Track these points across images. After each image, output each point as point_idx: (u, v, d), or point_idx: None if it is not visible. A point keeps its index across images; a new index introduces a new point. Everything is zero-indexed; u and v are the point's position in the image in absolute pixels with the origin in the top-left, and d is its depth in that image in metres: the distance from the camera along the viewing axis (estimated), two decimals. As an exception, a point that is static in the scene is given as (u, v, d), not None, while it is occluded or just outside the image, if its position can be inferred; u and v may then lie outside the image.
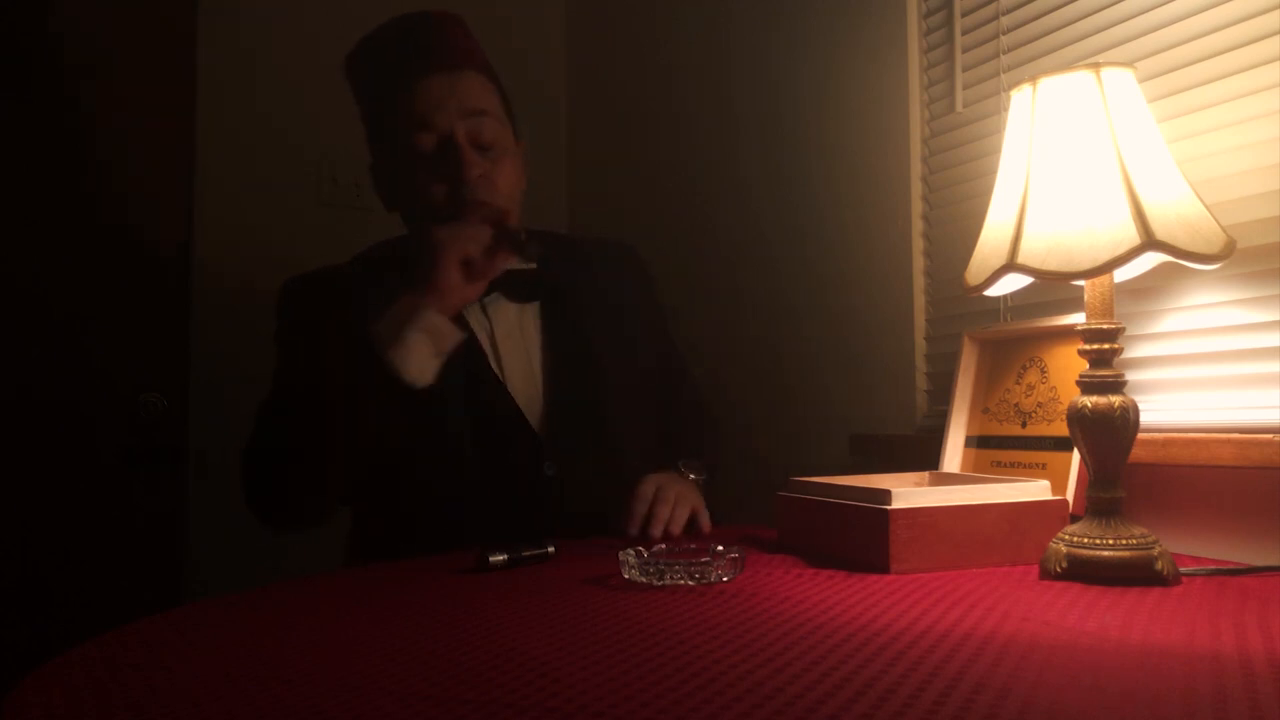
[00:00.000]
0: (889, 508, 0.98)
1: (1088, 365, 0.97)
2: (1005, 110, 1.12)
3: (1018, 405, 1.22)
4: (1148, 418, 0.99)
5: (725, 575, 0.94)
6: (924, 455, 1.35)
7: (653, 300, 1.56)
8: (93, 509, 1.92)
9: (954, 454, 1.28)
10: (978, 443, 1.27)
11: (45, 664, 0.68)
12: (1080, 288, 1.02)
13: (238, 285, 2.09)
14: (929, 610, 0.80)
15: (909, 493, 1.01)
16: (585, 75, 2.57)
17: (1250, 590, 0.87)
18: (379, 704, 0.57)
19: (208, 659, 0.71)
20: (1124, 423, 0.93)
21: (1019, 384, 1.23)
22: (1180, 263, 0.93)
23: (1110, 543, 0.91)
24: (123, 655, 0.72)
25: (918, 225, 1.61)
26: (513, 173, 1.36)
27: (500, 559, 1.04)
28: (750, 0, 1.99)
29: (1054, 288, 1.24)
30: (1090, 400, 0.94)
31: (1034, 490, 1.05)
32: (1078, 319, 1.09)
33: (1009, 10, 1.44)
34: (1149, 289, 1.19)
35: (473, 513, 1.28)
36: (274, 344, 1.39)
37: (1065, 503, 1.06)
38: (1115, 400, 0.94)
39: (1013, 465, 1.21)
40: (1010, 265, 0.97)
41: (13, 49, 1.92)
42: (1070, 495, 1.07)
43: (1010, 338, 1.27)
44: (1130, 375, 0.98)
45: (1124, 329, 0.97)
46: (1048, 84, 1.00)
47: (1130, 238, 0.91)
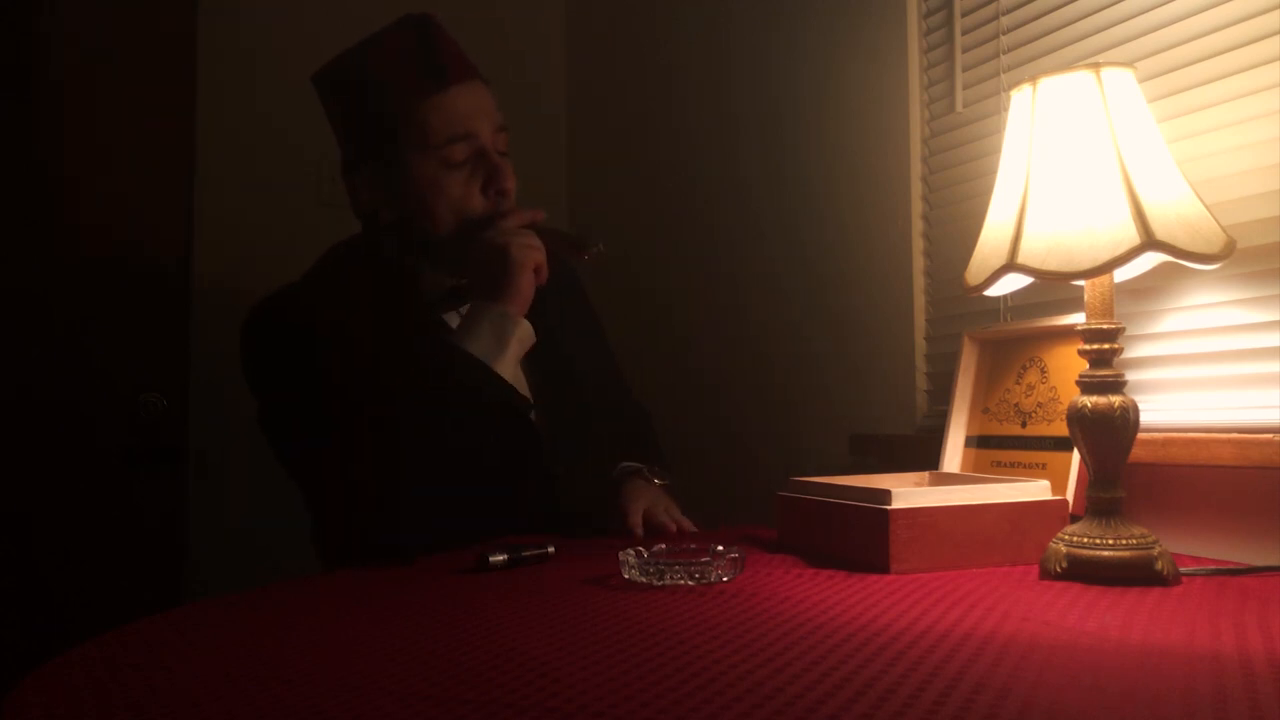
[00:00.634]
0: (889, 508, 0.98)
1: (1088, 365, 0.97)
2: (1005, 110, 1.12)
3: (1018, 405, 1.22)
4: (1148, 418, 0.99)
5: (725, 575, 0.94)
6: (924, 455, 1.35)
7: (586, 303, 1.59)
8: (93, 509, 1.92)
9: (954, 454, 1.28)
10: (978, 443, 1.27)
11: (45, 664, 0.68)
12: (1080, 288, 1.02)
13: (238, 285, 2.09)
14: (929, 610, 0.80)
15: (909, 493, 1.01)
16: (585, 76, 2.57)
17: (1250, 590, 0.87)
18: (379, 704, 0.57)
19: (208, 659, 0.71)
20: (1124, 423, 0.93)
21: (1019, 384, 1.23)
22: (1180, 263, 0.93)
23: (1110, 543, 0.91)
24: (123, 655, 0.72)
25: (918, 225, 1.61)
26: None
27: (500, 559, 1.04)
28: (750, 1, 1.99)
29: (1054, 288, 1.24)
30: (1090, 400, 0.94)
31: (1034, 490, 1.05)
32: (1078, 319, 1.09)
33: (1009, 10, 1.44)
34: (1149, 289, 1.19)
35: (480, 514, 1.26)
36: (295, 378, 1.29)
37: (1065, 503, 1.06)
38: (1115, 400, 0.94)
39: (1013, 465, 1.21)
40: (1010, 265, 0.97)
41: (12, 49, 1.92)
42: (1070, 495, 1.07)
43: (1010, 338, 1.27)
44: (1130, 375, 0.98)
45: (1124, 329, 0.97)
46: (1048, 84, 1.00)
47: (1130, 238, 0.91)
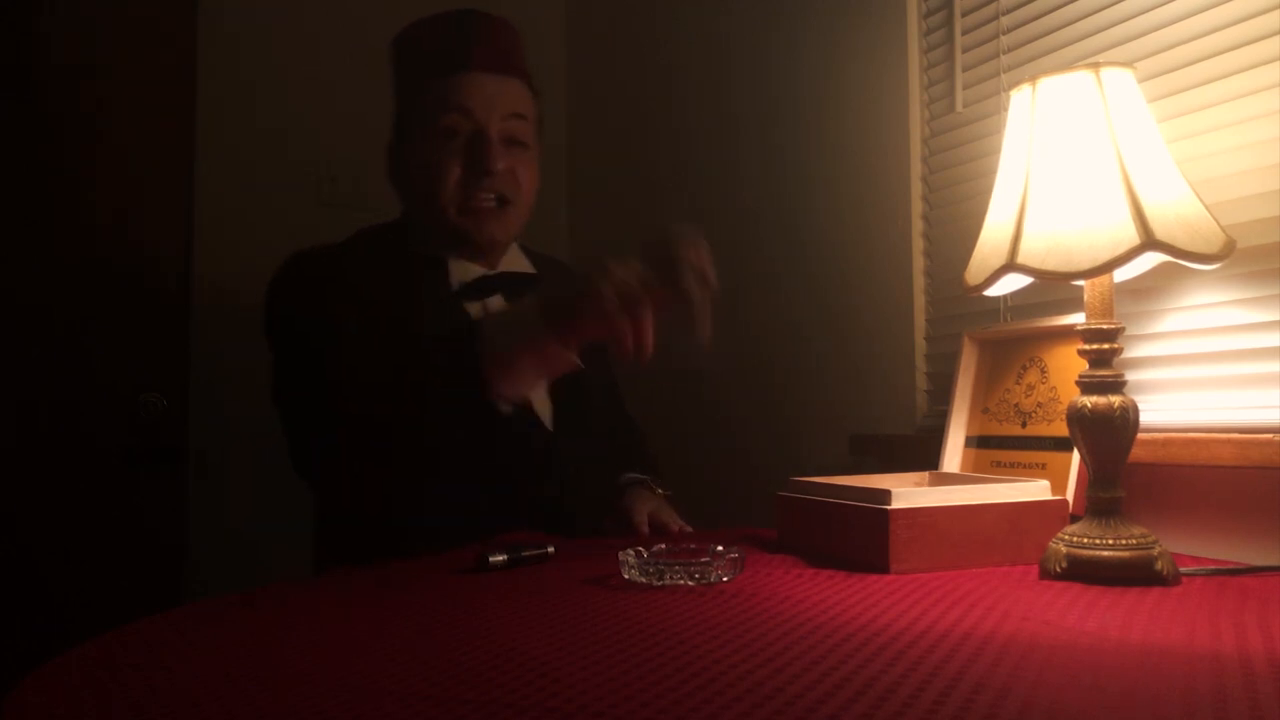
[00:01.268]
0: (889, 508, 0.98)
1: (1088, 365, 0.97)
2: (1005, 110, 1.12)
3: (1018, 405, 1.22)
4: (1148, 418, 0.99)
5: (725, 575, 0.94)
6: (924, 455, 1.35)
7: None
8: (93, 509, 1.92)
9: (954, 454, 1.28)
10: (978, 443, 1.27)
11: (45, 664, 0.68)
12: (1080, 288, 1.02)
13: (237, 285, 2.09)
14: (929, 610, 0.80)
15: (909, 493, 1.01)
16: (585, 76, 2.57)
17: (1250, 590, 0.87)
18: (379, 704, 0.57)
19: (208, 659, 0.71)
20: (1124, 423, 0.93)
21: (1019, 384, 1.23)
22: (1180, 263, 0.93)
23: (1110, 543, 0.91)
24: (123, 655, 0.72)
25: (918, 225, 1.61)
26: (535, 175, 1.39)
27: (500, 559, 1.04)
28: (750, 1, 1.99)
29: (1054, 288, 1.24)
30: (1090, 400, 0.94)
31: (1034, 490, 1.05)
32: (1078, 319, 1.09)
33: (1009, 10, 1.44)
34: (1149, 289, 1.19)
35: (490, 513, 1.26)
36: (293, 325, 1.31)
37: (1065, 503, 1.06)
38: (1115, 400, 0.94)
39: (1013, 465, 1.21)
40: (1010, 265, 0.97)
41: (12, 50, 1.93)
42: (1070, 495, 1.07)
43: (1010, 338, 1.27)
44: (1130, 375, 0.98)
45: (1124, 329, 0.97)
46: (1047, 84, 1.00)
47: (1130, 238, 0.91)
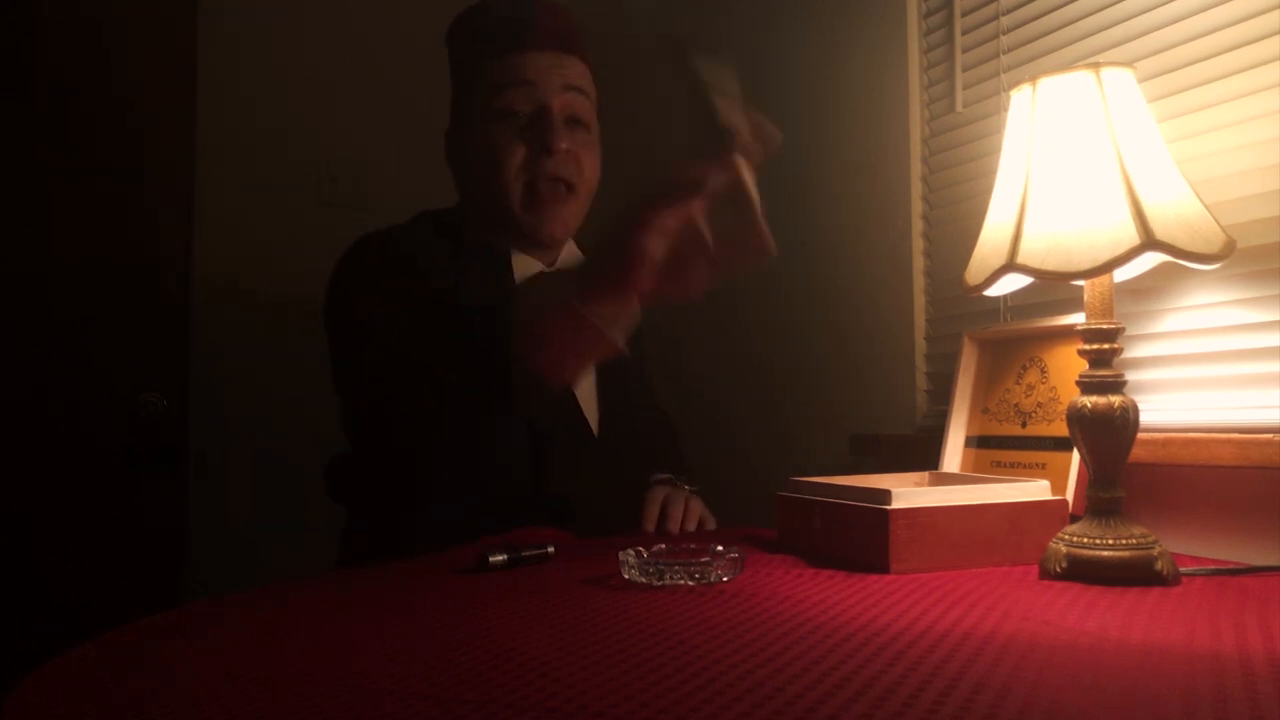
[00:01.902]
0: (889, 508, 0.98)
1: (1088, 365, 0.97)
2: (1005, 110, 1.12)
3: (1018, 405, 1.22)
4: (1148, 418, 0.99)
5: (725, 575, 0.94)
6: (924, 455, 1.35)
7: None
8: (93, 509, 1.92)
9: (954, 454, 1.28)
10: (978, 443, 1.27)
11: (45, 664, 0.68)
12: (1080, 288, 1.02)
13: (238, 285, 2.10)
14: (929, 610, 0.80)
15: (909, 493, 1.01)
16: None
17: (1250, 590, 0.87)
18: (379, 704, 0.57)
19: (208, 659, 0.71)
20: (1124, 423, 0.93)
21: (1019, 384, 1.23)
22: (1180, 263, 0.93)
23: (1110, 543, 0.91)
24: (123, 655, 0.72)
25: (918, 225, 1.61)
26: (597, 162, 1.34)
27: (500, 559, 1.04)
28: (750, 0, 1.99)
29: (1054, 288, 1.24)
30: (1090, 400, 0.94)
31: (1034, 490, 1.05)
32: (1078, 319, 1.09)
33: (1009, 10, 1.44)
34: (1149, 289, 1.19)
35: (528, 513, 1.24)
36: (341, 316, 1.27)
37: (1065, 503, 1.06)
38: (1115, 400, 0.94)
39: (1013, 465, 1.21)
40: (1010, 265, 0.97)
41: (13, 49, 1.93)
42: (1070, 495, 1.07)
43: (1010, 338, 1.27)
44: (1130, 375, 0.98)
45: (1124, 329, 0.97)
46: (1048, 84, 1.00)
47: (1130, 238, 0.91)
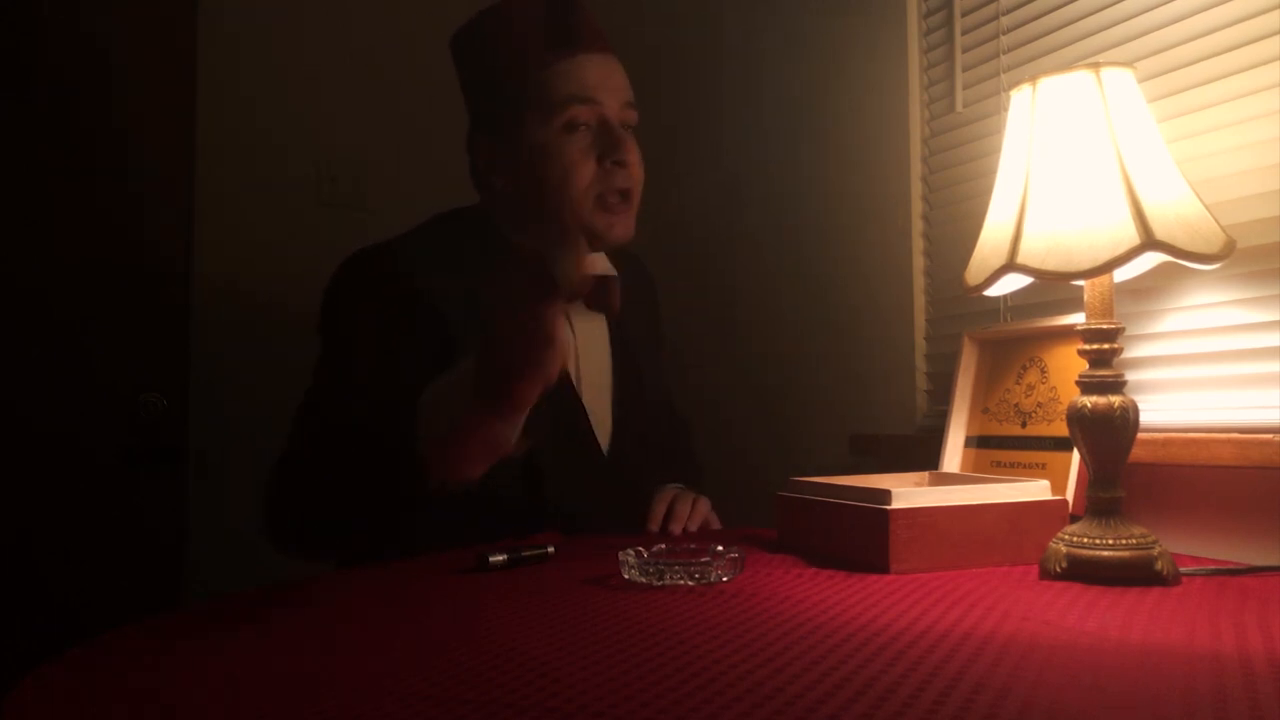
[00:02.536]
0: (889, 508, 0.98)
1: (1088, 365, 0.97)
2: (1005, 110, 1.12)
3: (1018, 405, 1.22)
4: (1148, 418, 0.99)
5: (725, 575, 0.94)
6: (924, 455, 1.35)
7: (657, 314, 1.56)
8: (93, 509, 1.92)
9: (954, 454, 1.28)
10: (978, 443, 1.27)
11: (45, 664, 0.68)
12: (1080, 288, 1.02)
13: (238, 285, 2.10)
14: (929, 610, 0.80)
15: (909, 493, 1.01)
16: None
17: (1250, 590, 0.87)
18: (379, 704, 0.57)
19: (208, 659, 0.71)
20: (1124, 423, 0.93)
21: (1019, 384, 1.23)
22: (1180, 263, 0.93)
23: (1110, 543, 0.91)
24: (123, 655, 0.72)
25: (918, 225, 1.61)
26: (642, 161, 1.32)
27: (500, 559, 1.04)
28: (749, 1, 1.99)
29: (1054, 288, 1.24)
30: (1090, 400, 0.94)
31: (1034, 490, 1.05)
32: (1078, 319, 1.09)
33: (1009, 10, 1.44)
34: (1149, 289, 1.19)
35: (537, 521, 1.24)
36: (321, 331, 1.28)
37: (1065, 503, 1.06)
38: (1115, 400, 0.94)
39: (1013, 465, 1.21)
40: (1010, 265, 0.97)
41: (13, 49, 1.92)
42: (1070, 495, 1.07)
43: (1010, 338, 1.27)
44: (1130, 375, 0.98)
45: (1124, 329, 0.97)
46: (1048, 84, 1.00)
47: (1130, 238, 0.91)
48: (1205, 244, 0.93)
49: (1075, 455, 1.08)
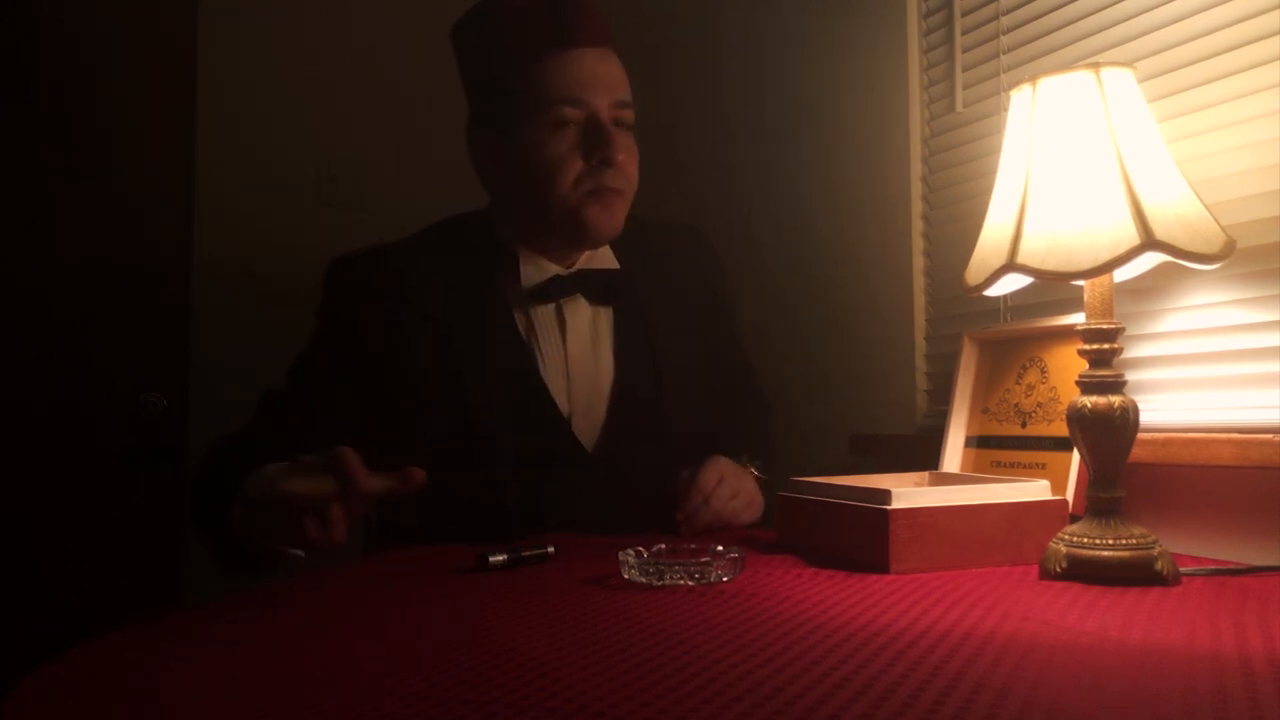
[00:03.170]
0: (889, 508, 0.98)
1: (1088, 365, 0.97)
2: (1005, 110, 1.12)
3: (1018, 405, 1.22)
4: (1148, 418, 0.99)
5: (725, 575, 0.94)
6: (924, 455, 1.35)
7: (718, 287, 1.50)
8: (93, 509, 1.92)
9: (954, 454, 1.28)
10: (978, 443, 1.27)
11: (45, 664, 0.68)
12: (1080, 288, 1.02)
13: (238, 285, 2.09)
14: (929, 610, 0.80)
15: (909, 493, 1.01)
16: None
17: (1250, 590, 0.87)
18: (379, 704, 0.57)
19: (208, 659, 0.71)
20: (1124, 423, 0.93)
21: (1019, 384, 1.23)
22: (1180, 263, 0.93)
23: (1110, 543, 0.91)
24: (123, 655, 0.72)
25: (918, 225, 1.61)
26: (637, 160, 1.32)
27: (500, 559, 1.04)
28: (749, 1, 1.99)
29: (1054, 288, 1.24)
30: (1090, 400, 0.94)
31: (1034, 490, 1.05)
32: (1078, 319, 1.09)
33: (1009, 10, 1.44)
34: (1149, 289, 1.19)
35: (507, 515, 1.26)
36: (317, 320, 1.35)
37: (1065, 503, 1.06)
38: (1115, 400, 0.94)
39: (1013, 465, 1.21)
40: (1010, 265, 0.97)
41: (13, 49, 1.92)
42: (1070, 495, 1.07)
43: (1010, 338, 1.27)
44: (1130, 375, 0.98)
45: (1124, 329, 0.97)
46: (1048, 84, 1.00)
47: (1130, 238, 0.91)
48: (1205, 244, 0.93)
49: (1075, 455, 1.08)
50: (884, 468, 1.35)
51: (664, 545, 1.02)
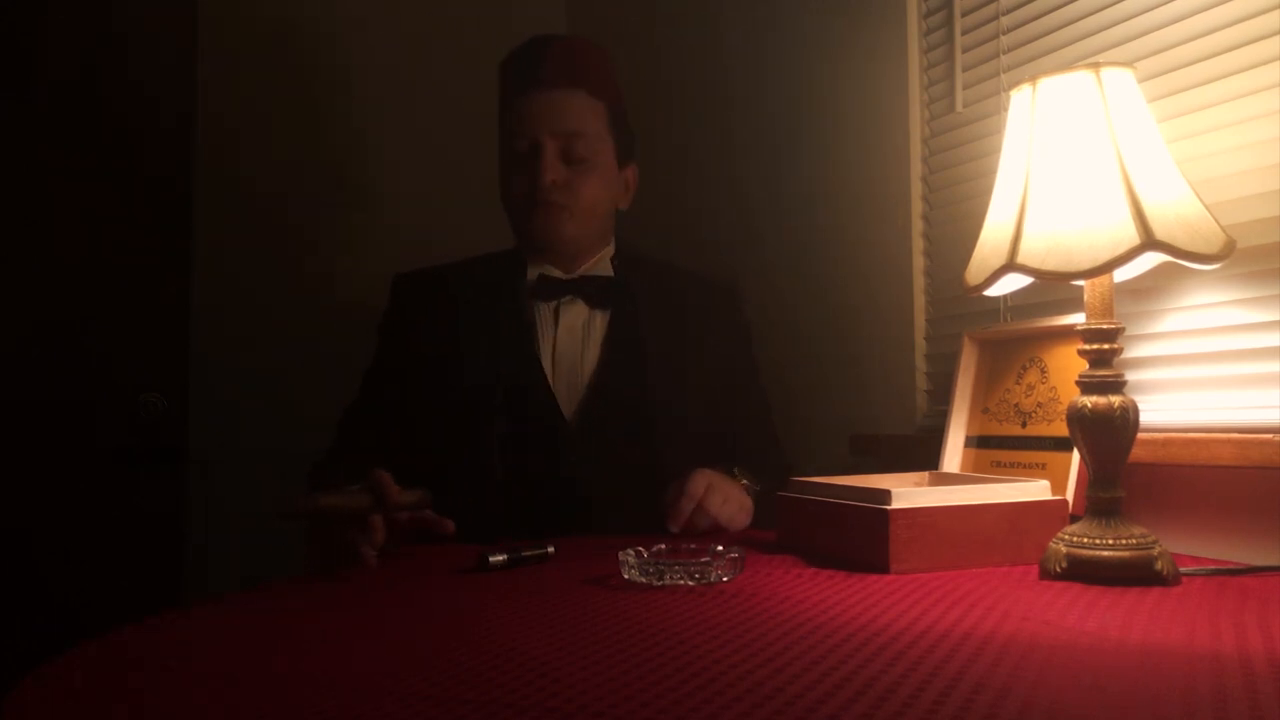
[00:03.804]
0: (889, 508, 0.98)
1: (1088, 365, 0.97)
2: (1005, 110, 1.12)
3: (1018, 405, 1.22)
4: (1148, 418, 0.99)
5: (725, 575, 0.94)
6: (924, 455, 1.35)
7: (737, 339, 1.60)
8: (93, 509, 1.91)
9: (954, 454, 1.28)
10: (978, 443, 1.27)
11: (45, 664, 0.68)
12: (1080, 288, 1.02)
13: (238, 286, 2.10)
14: (929, 610, 0.80)
15: (909, 493, 1.01)
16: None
17: (1250, 590, 0.87)
18: (379, 704, 0.57)
19: (208, 659, 0.71)
20: (1124, 423, 0.93)
21: (1019, 384, 1.23)
22: (1180, 263, 0.93)
23: (1110, 543, 0.91)
24: (123, 655, 0.72)
25: (918, 225, 1.61)
26: (600, 187, 1.49)
27: (500, 559, 1.04)
28: (749, 1, 1.99)
29: (1054, 288, 1.24)
30: (1090, 400, 0.94)
31: (1034, 490, 1.05)
32: (1078, 319, 1.09)
33: (1009, 10, 1.44)
34: (1149, 289, 1.19)
35: (499, 507, 1.37)
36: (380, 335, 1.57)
37: (1065, 503, 1.06)
38: (1115, 400, 0.94)
39: (1013, 465, 1.21)
40: (1010, 265, 0.97)
41: (13, 48, 1.92)
42: (1070, 495, 1.07)
43: (1010, 338, 1.27)
44: (1130, 375, 0.98)
45: (1124, 329, 0.97)
46: (1048, 84, 1.00)
47: (1130, 238, 0.91)
48: (1205, 244, 0.93)
49: (1075, 455, 1.08)
50: (884, 468, 1.35)
51: (664, 545, 1.02)
